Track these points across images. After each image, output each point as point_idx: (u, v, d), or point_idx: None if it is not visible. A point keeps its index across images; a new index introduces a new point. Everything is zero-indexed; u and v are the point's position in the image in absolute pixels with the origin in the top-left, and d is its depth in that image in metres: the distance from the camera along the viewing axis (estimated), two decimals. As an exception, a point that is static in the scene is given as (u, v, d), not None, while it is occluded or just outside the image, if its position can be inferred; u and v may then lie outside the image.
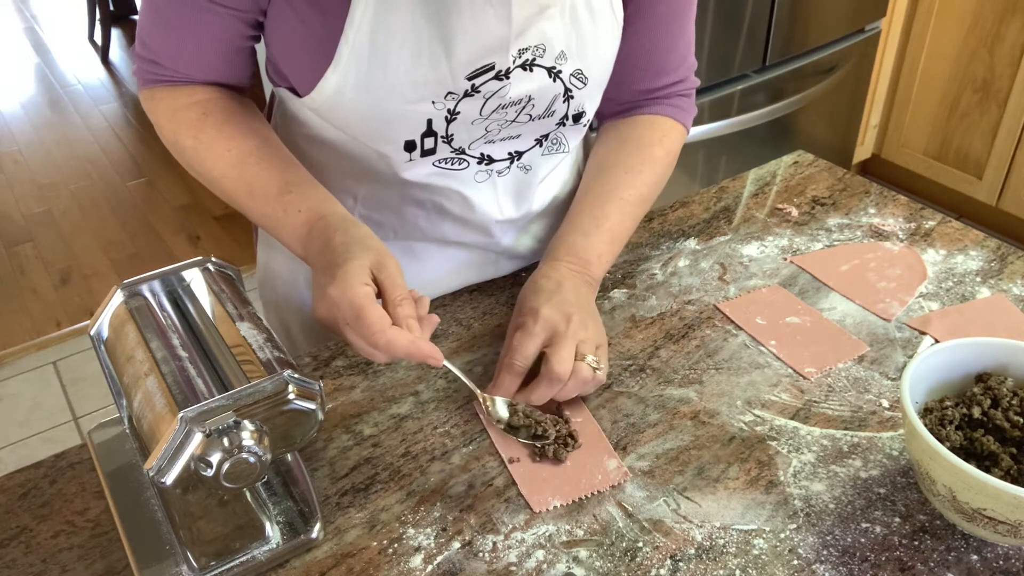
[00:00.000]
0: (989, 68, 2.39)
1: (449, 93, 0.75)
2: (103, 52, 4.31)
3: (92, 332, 0.68)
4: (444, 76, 0.74)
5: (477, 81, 0.75)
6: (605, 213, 0.85)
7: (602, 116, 0.95)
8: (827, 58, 2.27)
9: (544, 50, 0.77)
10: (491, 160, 0.85)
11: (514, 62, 0.76)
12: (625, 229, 0.87)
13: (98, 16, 4.29)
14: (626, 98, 0.91)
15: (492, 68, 0.75)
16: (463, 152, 0.83)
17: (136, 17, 4.64)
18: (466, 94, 0.76)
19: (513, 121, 0.82)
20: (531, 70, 0.77)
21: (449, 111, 0.77)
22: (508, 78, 0.76)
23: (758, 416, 0.76)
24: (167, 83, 0.80)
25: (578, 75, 0.81)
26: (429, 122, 0.78)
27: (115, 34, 4.47)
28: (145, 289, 0.70)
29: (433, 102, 0.76)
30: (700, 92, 2.04)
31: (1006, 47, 2.33)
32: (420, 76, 0.74)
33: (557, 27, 0.76)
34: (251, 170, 0.77)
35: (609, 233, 0.85)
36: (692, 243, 1.00)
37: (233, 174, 0.78)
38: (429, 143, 0.80)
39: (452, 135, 0.80)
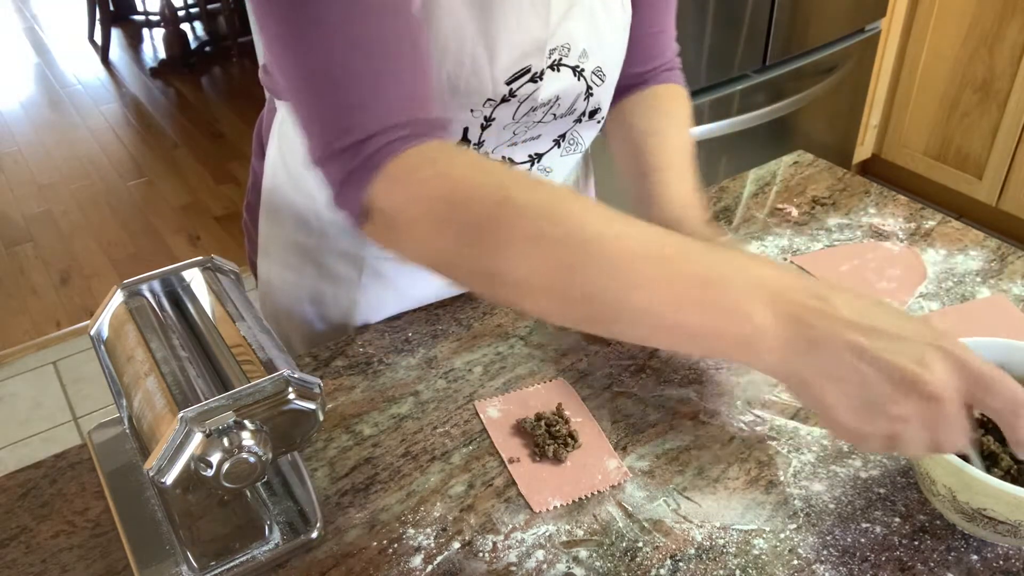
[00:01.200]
0: (989, 68, 2.39)
1: (488, 100, 0.75)
2: (103, 52, 4.31)
3: (92, 332, 0.68)
4: (485, 83, 0.74)
5: (514, 85, 0.75)
6: (687, 166, 0.82)
7: None
8: (827, 58, 2.27)
9: (569, 49, 0.77)
10: (512, 163, 0.86)
11: (546, 63, 0.76)
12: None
13: (98, 16, 4.28)
14: (623, 81, 0.91)
15: (529, 71, 0.75)
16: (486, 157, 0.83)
17: (136, 17, 4.65)
18: (503, 100, 0.76)
19: (538, 122, 0.82)
20: (559, 70, 0.78)
21: (485, 118, 0.77)
22: (541, 80, 0.77)
23: (758, 416, 0.76)
24: (427, 136, 0.59)
25: (598, 72, 0.82)
26: (465, 131, 0.77)
27: (115, 34, 4.47)
28: (145, 289, 0.70)
29: (472, 110, 0.75)
30: (700, 92, 2.05)
31: (1006, 47, 2.33)
32: (462, 84, 0.73)
33: (579, 26, 0.77)
34: (653, 228, 0.54)
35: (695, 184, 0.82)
36: (692, 243, 1.00)
37: (631, 232, 0.53)
38: None
39: (483, 141, 0.80)
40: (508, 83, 0.75)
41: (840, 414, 0.50)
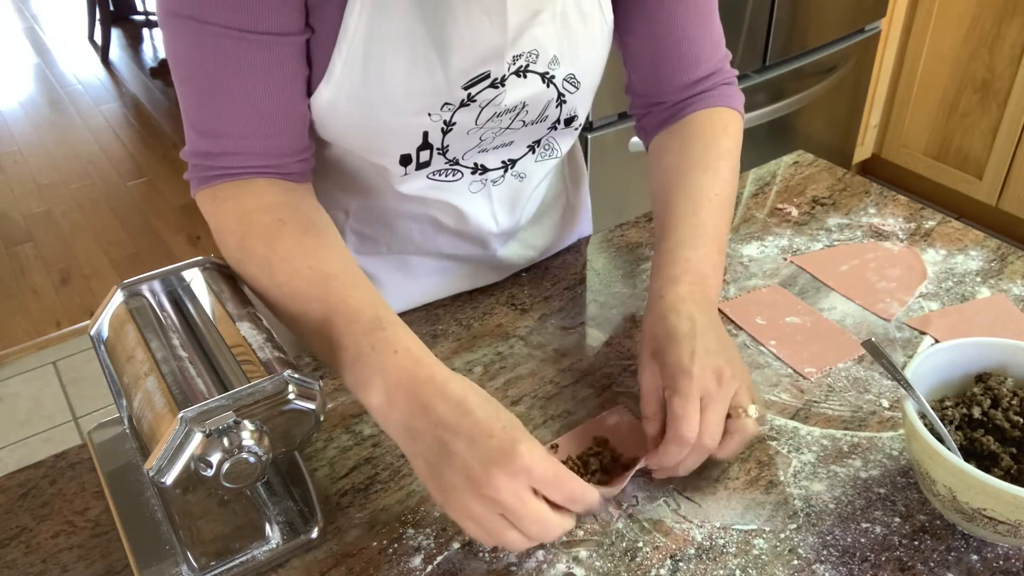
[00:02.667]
0: (989, 68, 2.39)
1: (445, 104, 0.74)
2: (103, 52, 4.31)
3: (92, 332, 0.68)
4: (440, 87, 0.73)
5: (473, 90, 0.75)
6: (702, 220, 0.78)
7: (648, 129, 0.90)
8: (827, 58, 2.27)
9: (537, 56, 0.76)
10: (485, 169, 0.85)
11: (509, 69, 0.75)
12: (722, 233, 0.80)
13: (98, 16, 4.29)
14: (671, 97, 0.86)
15: (488, 76, 0.74)
16: (457, 163, 0.82)
17: (136, 17, 4.65)
18: (462, 104, 0.75)
19: (507, 128, 0.81)
20: (525, 76, 0.77)
21: (445, 122, 0.76)
22: (503, 86, 0.76)
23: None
24: (228, 176, 0.72)
25: (570, 79, 0.80)
26: (425, 134, 0.76)
27: (115, 34, 4.47)
28: (145, 289, 0.70)
29: (429, 114, 0.75)
30: (700, 92, 2.04)
31: (1006, 47, 2.33)
32: (416, 87, 0.72)
33: (549, 32, 0.76)
34: (336, 295, 0.67)
35: (714, 241, 0.78)
36: (692, 243, 1.00)
37: (311, 294, 0.67)
38: (425, 156, 0.79)
39: (448, 146, 0.79)
40: (466, 88, 0.74)
41: (434, 491, 0.60)
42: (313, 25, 0.69)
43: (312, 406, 0.60)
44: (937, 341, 0.83)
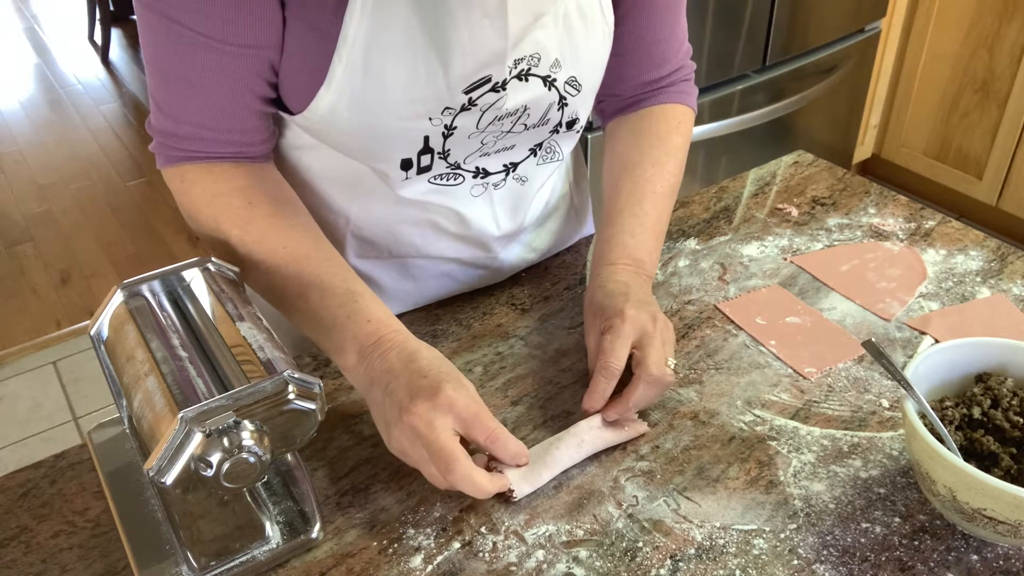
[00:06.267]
0: (989, 68, 2.39)
1: (446, 108, 0.74)
2: (103, 52, 4.31)
3: (92, 332, 0.68)
4: (441, 92, 0.73)
5: (474, 95, 0.74)
6: (644, 211, 0.84)
7: (606, 113, 0.94)
8: (827, 58, 2.27)
9: (539, 59, 0.76)
10: (487, 173, 0.85)
11: (510, 73, 0.75)
12: (663, 222, 0.87)
13: (98, 16, 4.29)
14: (631, 92, 0.90)
15: (489, 80, 0.74)
16: (458, 167, 0.82)
17: (136, 17, 4.65)
18: (463, 108, 0.75)
19: (508, 132, 0.81)
20: (526, 80, 0.76)
21: (446, 127, 0.76)
22: (504, 89, 0.76)
23: (758, 416, 0.76)
24: (194, 159, 0.75)
25: (572, 82, 0.80)
26: (426, 139, 0.76)
27: (115, 34, 4.47)
28: (145, 289, 0.70)
29: (430, 118, 0.74)
30: (700, 92, 2.04)
31: (1006, 47, 2.33)
32: (417, 93, 0.72)
33: (551, 35, 0.75)
34: (310, 271, 0.73)
35: (652, 230, 0.85)
36: (692, 243, 1.00)
37: (287, 272, 0.74)
38: (426, 160, 0.79)
39: (449, 150, 0.79)
40: (466, 92, 0.74)
41: (381, 431, 0.69)
42: (309, 29, 0.69)
43: (312, 406, 0.60)
44: (937, 341, 0.83)
